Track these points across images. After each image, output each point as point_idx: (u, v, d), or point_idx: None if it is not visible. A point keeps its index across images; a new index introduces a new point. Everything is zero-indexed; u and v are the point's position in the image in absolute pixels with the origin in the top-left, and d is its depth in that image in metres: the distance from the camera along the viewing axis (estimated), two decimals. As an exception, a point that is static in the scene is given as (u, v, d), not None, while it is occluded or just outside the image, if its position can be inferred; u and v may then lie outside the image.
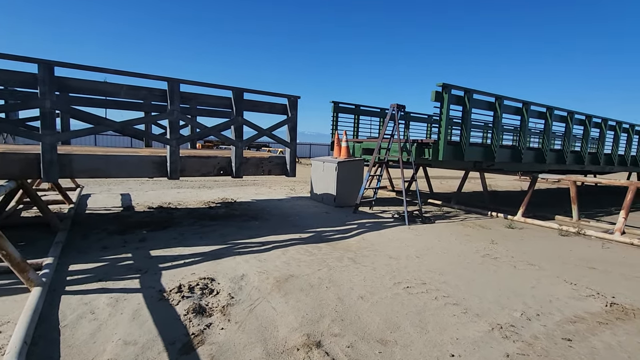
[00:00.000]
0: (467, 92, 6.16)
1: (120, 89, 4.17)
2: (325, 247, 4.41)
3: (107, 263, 3.48)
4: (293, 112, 5.35)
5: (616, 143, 9.97)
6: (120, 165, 4.22)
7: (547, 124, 7.76)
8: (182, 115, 4.40)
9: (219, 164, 4.90)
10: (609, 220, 7.15)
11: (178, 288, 2.93)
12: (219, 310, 2.65)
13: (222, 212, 6.14)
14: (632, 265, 4.29)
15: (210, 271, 3.38)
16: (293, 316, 2.62)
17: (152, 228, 4.85)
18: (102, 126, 4.15)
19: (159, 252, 3.87)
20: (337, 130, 8.70)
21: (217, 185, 9.92)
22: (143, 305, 2.66)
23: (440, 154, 6.02)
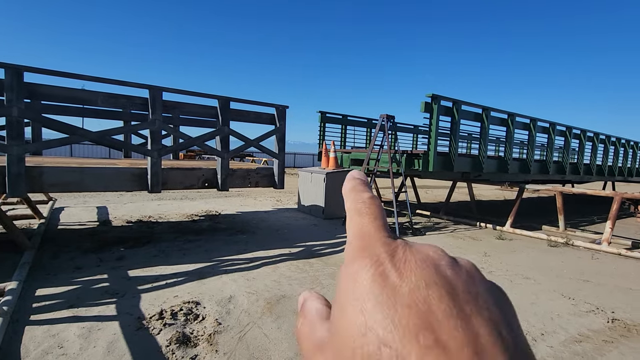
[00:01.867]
0: (456, 103, 6.17)
1: (97, 97, 3.90)
2: (316, 262, 4.21)
3: (80, 286, 3.17)
4: (281, 122, 5.19)
5: (594, 154, 10.27)
6: (96, 178, 3.92)
7: (531, 135, 7.89)
8: (165, 125, 4.17)
9: (203, 176, 4.66)
10: (593, 229, 7.26)
11: (159, 314, 2.67)
12: (206, 339, 2.41)
13: (206, 226, 5.86)
14: (624, 276, 4.29)
15: (195, 293, 3.13)
16: (287, 343, 2.41)
17: (131, 244, 4.53)
18: (77, 136, 3.86)
19: (138, 272, 3.58)
20: (324, 140, 8.58)
21: (200, 197, 9.57)
22: (119, 335, 2.39)
23: (431, 165, 5.97)
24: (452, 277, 0.18)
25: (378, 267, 0.18)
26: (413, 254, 0.19)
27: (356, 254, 0.20)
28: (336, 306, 0.19)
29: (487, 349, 0.15)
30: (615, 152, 11.40)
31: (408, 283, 0.17)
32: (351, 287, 0.19)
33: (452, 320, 0.16)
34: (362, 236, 0.21)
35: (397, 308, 0.16)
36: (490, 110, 6.83)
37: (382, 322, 0.16)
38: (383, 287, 0.17)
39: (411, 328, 0.16)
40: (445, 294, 0.17)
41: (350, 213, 0.23)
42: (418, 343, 0.15)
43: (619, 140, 11.44)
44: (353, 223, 0.22)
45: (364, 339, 0.16)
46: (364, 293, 0.18)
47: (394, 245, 0.20)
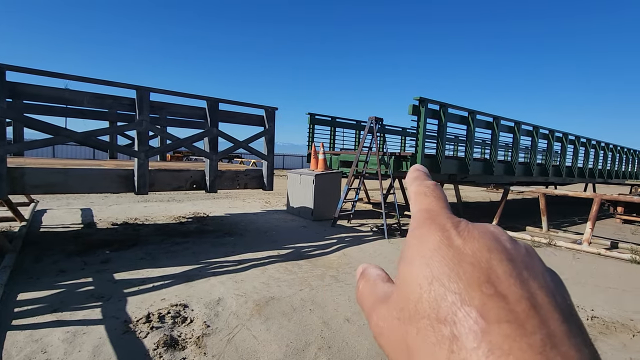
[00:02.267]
0: (443, 107, 6.28)
1: (83, 97, 3.84)
2: (305, 264, 4.22)
3: (64, 290, 3.11)
4: (270, 123, 5.19)
5: (575, 156, 10.58)
6: (81, 179, 3.85)
7: (515, 137, 8.07)
8: (152, 126, 4.12)
9: (191, 178, 4.62)
10: (575, 230, 7.47)
11: (146, 317, 2.64)
12: (194, 342, 2.39)
13: (194, 228, 5.80)
14: (603, 275, 4.43)
15: (182, 296, 3.10)
16: (276, 345, 2.41)
17: (117, 247, 4.45)
18: (61, 137, 3.78)
19: (124, 275, 3.52)
20: (313, 142, 8.60)
21: (187, 199, 9.47)
22: (105, 339, 2.36)
23: (418, 167, 6.04)
24: (512, 248, 0.20)
25: (444, 232, 0.21)
26: (475, 227, 0.21)
27: (423, 221, 0.23)
28: (403, 263, 0.22)
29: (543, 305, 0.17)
30: (596, 154, 11.76)
31: (471, 247, 0.20)
32: (419, 246, 0.21)
33: (511, 279, 0.18)
34: (428, 210, 0.24)
35: (461, 264, 0.19)
36: (476, 113, 6.97)
37: (447, 274, 0.19)
38: (449, 247, 0.20)
39: (474, 280, 0.18)
40: (505, 259, 0.19)
41: (415, 194, 0.26)
42: (481, 291, 0.18)
43: (599, 143, 11.81)
44: (419, 201, 0.25)
45: (430, 286, 0.19)
46: (431, 251, 0.20)
47: (457, 219, 0.22)
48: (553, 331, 0.16)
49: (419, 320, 0.19)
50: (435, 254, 0.20)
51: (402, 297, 0.20)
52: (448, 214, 0.23)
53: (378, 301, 0.23)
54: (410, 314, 0.19)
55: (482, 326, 0.17)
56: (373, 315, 0.23)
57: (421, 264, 0.20)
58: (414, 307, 0.19)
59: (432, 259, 0.20)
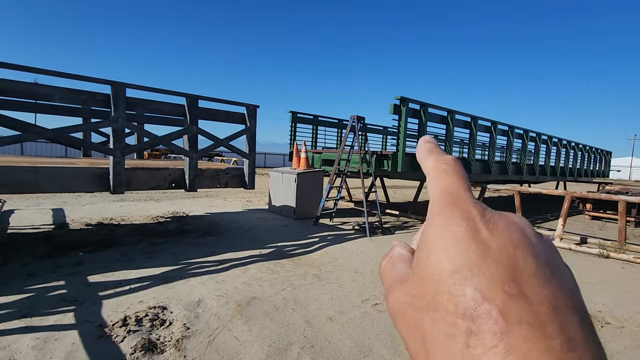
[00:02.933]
0: (423, 106, 6.38)
1: (54, 92, 3.66)
2: (287, 263, 4.20)
3: (34, 294, 2.97)
4: (252, 121, 5.12)
5: (548, 155, 11.00)
6: (52, 178, 3.68)
7: (492, 137, 8.32)
8: (128, 123, 3.99)
9: (170, 176, 4.51)
10: (548, 226, 7.77)
11: (123, 321, 2.56)
12: (173, 345, 2.33)
13: (173, 228, 5.66)
14: (573, 270, 4.54)
15: (161, 298, 3.02)
16: (258, 345, 2.39)
17: (91, 249, 4.29)
18: (30, 133, 3.60)
19: (98, 278, 3.40)
20: (295, 140, 8.57)
21: (166, 198, 9.24)
22: (79, 345, 2.27)
23: (399, 166, 6.14)
24: (537, 243, 0.19)
25: (469, 222, 0.20)
26: (501, 217, 0.20)
27: (446, 208, 0.21)
28: (422, 251, 0.21)
29: (563, 307, 0.17)
30: (566, 154, 12.28)
31: (497, 240, 0.19)
32: (441, 236, 0.20)
33: (535, 279, 0.18)
34: (451, 193, 0.22)
35: (485, 259, 0.18)
36: (455, 113, 7.13)
37: (470, 268, 0.18)
38: (473, 240, 0.19)
39: (498, 277, 0.18)
40: (530, 255, 0.18)
41: (434, 172, 0.24)
42: (503, 290, 0.17)
43: (569, 143, 12.33)
44: (438, 181, 0.23)
45: (451, 279, 0.18)
46: (455, 241, 0.19)
47: (483, 206, 0.21)
48: (571, 336, 0.16)
49: (436, 311, 0.19)
50: (458, 245, 0.19)
51: (419, 285, 0.20)
52: (473, 199, 0.22)
53: (395, 281, 0.23)
54: (427, 304, 0.19)
55: (502, 326, 0.16)
56: (390, 295, 0.23)
57: (442, 254, 0.19)
58: (431, 297, 0.19)
59: (455, 250, 0.19)
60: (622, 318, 3.18)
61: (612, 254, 5.23)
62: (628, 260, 5.08)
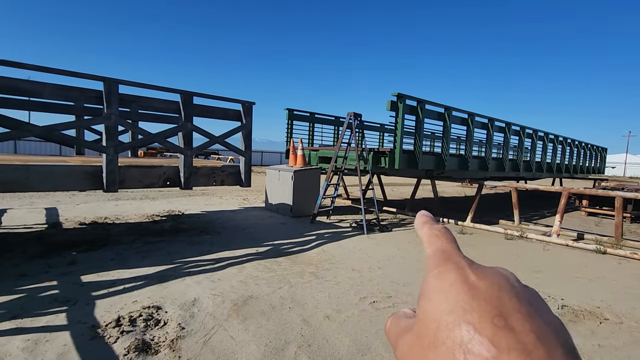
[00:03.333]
0: (420, 103, 6.34)
1: (44, 89, 3.58)
2: (284, 261, 4.16)
3: (25, 295, 2.91)
4: (248, 118, 5.06)
5: (544, 152, 11.02)
6: (44, 176, 3.61)
7: (489, 134, 8.30)
8: (121, 120, 3.92)
9: (165, 174, 4.44)
10: (545, 222, 7.78)
11: (116, 321, 2.51)
12: (167, 345, 2.29)
13: (168, 227, 5.60)
14: (570, 266, 4.62)
15: (156, 297, 2.97)
16: (255, 345, 2.35)
17: (84, 248, 4.23)
18: (21, 131, 3.53)
19: (92, 277, 3.34)
20: (292, 138, 8.51)
21: (162, 196, 9.16)
22: (71, 346, 2.22)
23: (397, 163, 6.10)
24: (519, 287, 0.23)
25: (459, 270, 0.24)
26: (486, 267, 0.24)
27: (440, 262, 0.26)
28: (423, 298, 0.24)
29: (549, 339, 0.19)
30: (563, 150, 12.30)
31: (484, 284, 0.22)
32: (437, 283, 0.24)
33: (519, 314, 0.20)
34: (443, 251, 0.27)
35: (475, 299, 0.21)
36: (452, 109, 7.10)
37: (463, 307, 0.21)
38: (464, 283, 0.23)
39: (487, 313, 0.20)
40: (514, 296, 0.22)
41: (428, 236, 0.29)
42: (492, 323, 0.20)
43: (566, 140, 12.36)
44: (432, 243, 0.28)
45: (448, 317, 0.21)
46: (449, 286, 0.23)
47: (470, 260, 0.25)
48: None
49: (438, 347, 0.21)
50: (452, 289, 0.23)
51: (423, 326, 0.23)
52: (461, 255, 0.26)
53: (401, 332, 0.26)
54: (430, 341, 0.22)
55: (493, 353, 0.19)
56: (399, 343, 0.26)
57: (440, 297, 0.23)
58: (433, 334, 0.21)
59: (450, 293, 0.22)
60: (620, 314, 3.17)
61: (609, 250, 5.23)
62: (625, 255, 5.08)
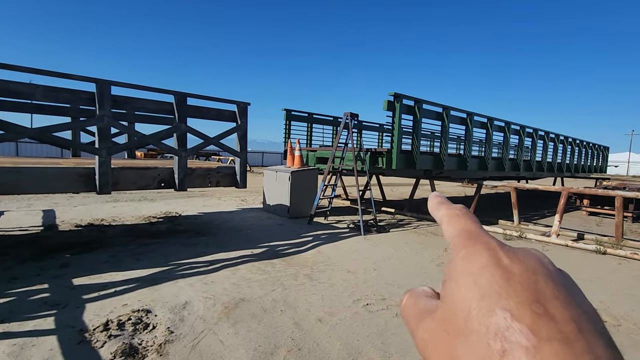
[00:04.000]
0: (417, 102, 6.30)
1: (34, 90, 3.56)
2: (279, 263, 4.12)
3: (14, 298, 2.88)
4: (243, 119, 5.03)
5: (545, 151, 10.94)
6: (35, 178, 3.59)
7: (488, 133, 8.24)
8: (114, 122, 3.89)
9: (159, 176, 4.42)
10: (544, 222, 7.72)
11: (104, 325, 2.48)
12: (155, 350, 2.26)
13: (164, 228, 5.58)
14: (570, 266, 4.56)
15: (146, 300, 2.94)
16: (244, 349, 2.31)
17: (78, 250, 4.21)
18: (11, 133, 3.51)
19: (83, 280, 3.31)
20: (289, 138, 8.48)
21: (160, 198, 9.14)
22: (57, 351, 2.19)
23: (394, 163, 6.06)
24: (555, 272, 0.21)
25: (491, 251, 0.22)
26: (519, 249, 0.22)
27: (467, 242, 0.23)
28: (451, 281, 0.22)
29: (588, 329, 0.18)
30: (564, 149, 12.22)
31: (519, 267, 0.20)
32: (466, 266, 0.22)
33: (558, 301, 0.19)
34: (469, 231, 0.24)
35: (510, 283, 0.19)
36: (450, 109, 7.05)
37: (497, 291, 0.19)
38: (497, 266, 0.21)
39: (524, 299, 0.19)
40: (550, 280, 0.20)
41: (449, 217, 0.26)
42: (531, 310, 0.18)
43: (567, 139, 12.28)
44: (454, 223, 0.26)
45: (480, 302, 0.19)
46: (480, 268, 0.21)
47: (499, 241, 0.23)
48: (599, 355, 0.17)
49: (468, 335, 0.19)
50: (484, 272, 0.21)
51: (449, 312, 0.21)
52: (490, 235, 0.24)
53: (422, 314, 0.24)
54: (459, 329, 0.20)
55: (534, 343, 0.17)
56: (419, 328, 0.23)
57: (469, 281, 0.21)
58: (462, 322, 0.20)
59: (482, 276, 0.20)
60: (618, 316, 3.12)
61: (609, 250, 5.17)
62: (625, 256, 5.02)
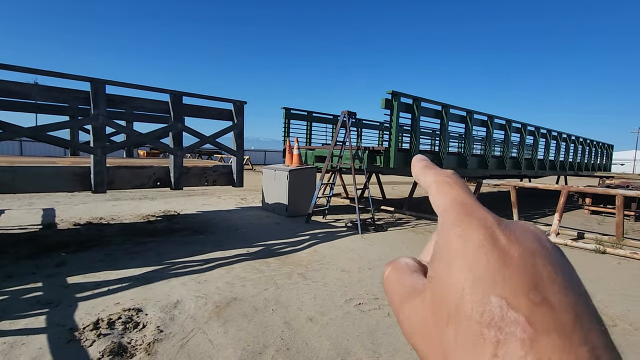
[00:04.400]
0: (416, 100, 6.26)
1: (31, 90, 3.58)
2: (274, 262, 4.12)
3: (7, 297, 2.90)
4: (239, 117, 5.03)
5: (547, 149, 10.85)
6: (31, 177, 3.61)
7: (488, 131, 8.18)
8: (109, 120, 3.90)
9: (155, 175, 4.42)
10: (545, 221, 7.65)
11: (94, 324, 2.49)
12: (144, 349, 2.26)
13: (162, 227, 5.59)
14: (568, 265, 4.52)
15: (138, 299, 2.95)
16: (232, 349, 2.31)
17: (75, 249, 4.23)
18: (7, 132, 3.53)
19: (77, 279, 3.33)
20: (288, 137, 8.47)
21: (160, 196, 9.18)
22: (46, 350, 2.20)
23: (391, 161, 6.03)
24: (553, 251, 0.19)
25: (487, 229, 0.20)
26: (516, 225, 0.20)
27: (461, 217, 0.21)
28: (441, 260, 0.20)
29: (584, 314, 0.17)
30: (566, 147, 12.11)
31: (517, 248, 0.19)
32: (459, 244, 0.20)
33: (556, 286, 0.17)
34: (462, 203, 0.22)
35: (507, 267, 0.18)
36: (450, 107, 7.00)
37: (493, 276, 0.18)
38: (494, 247, 0.19)
39: (522, 285, 0.17)
40: (549, 263, 0.18)
41: (437, 184, 0.24)
42: (528, 298, 0.17)
43: (569, 137, 12.16)
44: (444, 192, 0.23)
45: (474, 287, 0.18)
46: (474, 249, 0.19)
47: (496, 216, 0.21)
48: (595, 344, 0.16)
49: (460, 322, 0.18)
50: (479, 253, 0.19)
51: (439, 295, 0.20)
52: (485, 208, 0.21)
53: (408, 293, 0.22)
54: (450, 314, 0.19)
55: (531, 334, 0.16)
56: (404, 308, 0.22)
57: (463, 263, 0.19)
58: (454, 307, 0.18)
59: (476, 259, 0.19)
60: (614, 316, 3.08)
61: (608, 250, 5.12)
62: (625, 255, 4.97)
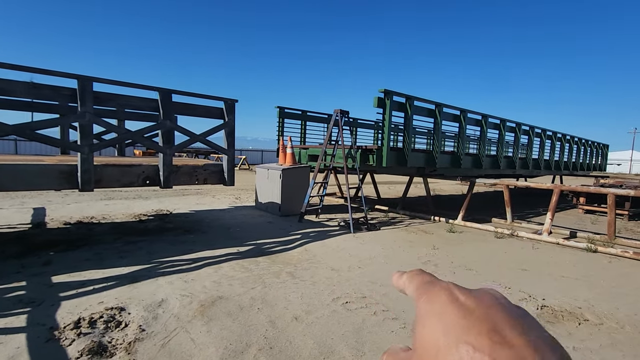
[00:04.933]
0: (409, 99, 6.24)
1: (15, 87, 3.53)
2: (263, 261, 4.09)
3: (-11, 296, 2.87)
4: (230, 116, 4.99)
5: (542, 149, 10.86)
6: (15, 175, 3.56)
7: (482, 130, 8.18)
8: (96, 118, 3.86)
9: (144, 173, 4.39)
10: (538, 220, 7.66)
11: (75, 323, 2.45)
12: (124, 349, 2.23)
13: (153, 226, 5.56)
14: (558, 264, 4.52)
15: (122, 298, 2.92)
16: (214, 348, 2.28)
17: (63, 248, 4.19)
18: (-10, 130, 3.48)
19: (63, 278, 3.29)
20: (282, 136, 8.44)
21: (154, 196, 9.13)
22: (24, 349, 2.16)
23: (384, 160, 6.01)
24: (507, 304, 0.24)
25: (447, 291, 0.25)
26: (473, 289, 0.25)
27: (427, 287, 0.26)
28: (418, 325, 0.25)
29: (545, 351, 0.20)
30: (561, 147, 12.14)
31: (474, 302, 0.23)
32: (429, 307, 0.24)
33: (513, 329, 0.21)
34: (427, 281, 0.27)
35: (468, 318, 0.22)
36: (443, 106, 6.99)
37: (458, 327, 0.22)
38: (455, 303, 0.23)
39: (482, 330, 0.21)
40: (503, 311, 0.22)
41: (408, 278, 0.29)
42: (490, 339, 0.20)
43: (564, 136, 12.19)
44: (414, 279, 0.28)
45: (445, 339, 0.22)
46: (441, 307, 0.24)
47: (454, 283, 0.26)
48: None
49: None
50: (445, 309, 0.23)
51: (422, 353, 0.23)
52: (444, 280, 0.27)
53: None
54: None
55: None
56: None
57: (433, 320, 0.23)
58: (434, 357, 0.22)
59: (444, 314, 0.23)
60: (601, 314, 3.07)
61: (600, 248, 5.12)
62: (616, 254, 4.97)
